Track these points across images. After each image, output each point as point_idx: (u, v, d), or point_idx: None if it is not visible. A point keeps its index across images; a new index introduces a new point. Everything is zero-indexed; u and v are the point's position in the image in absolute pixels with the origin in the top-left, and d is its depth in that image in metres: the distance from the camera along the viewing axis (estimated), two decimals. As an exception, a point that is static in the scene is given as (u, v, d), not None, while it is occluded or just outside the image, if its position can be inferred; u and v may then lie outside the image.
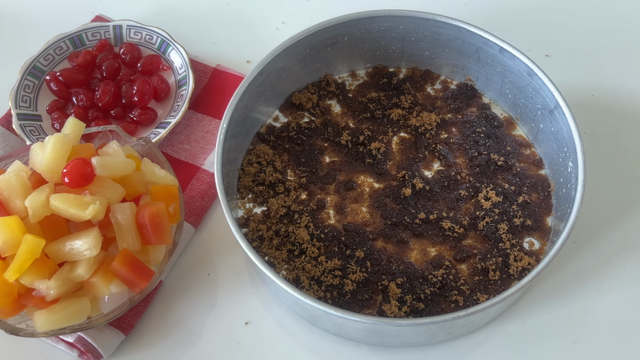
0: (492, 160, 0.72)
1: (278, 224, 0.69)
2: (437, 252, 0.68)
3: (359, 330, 0.62)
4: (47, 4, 0.93)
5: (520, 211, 0.69)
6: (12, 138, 0.78)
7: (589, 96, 0.80)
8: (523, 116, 0.74)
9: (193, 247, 0.72)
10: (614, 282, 0.68)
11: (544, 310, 0.66)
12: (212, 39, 0.88)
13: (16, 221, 0.59)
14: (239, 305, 0.68)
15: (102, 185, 0.61)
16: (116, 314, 0.62)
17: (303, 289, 0.65)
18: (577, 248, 0.69)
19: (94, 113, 0.78)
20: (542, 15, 0.87)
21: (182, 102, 0.77)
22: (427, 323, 0.57)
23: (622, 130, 0.77)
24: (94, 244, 0.59)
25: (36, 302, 0.60)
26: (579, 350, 0.64)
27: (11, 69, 0.82)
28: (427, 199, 0.70)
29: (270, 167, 0.73)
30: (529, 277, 0.58)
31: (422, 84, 0.79)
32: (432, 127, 0.75)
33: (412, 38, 0.76)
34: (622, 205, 0.72)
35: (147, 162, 0.66)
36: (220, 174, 0.65)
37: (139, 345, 0.67)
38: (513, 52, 0.70)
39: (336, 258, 0.67)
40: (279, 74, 0.74)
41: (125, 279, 0.61)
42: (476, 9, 0.88)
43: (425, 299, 0.64)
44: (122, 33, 0.84)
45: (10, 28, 0.91)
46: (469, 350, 0.65)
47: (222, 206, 0.63)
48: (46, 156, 0.61)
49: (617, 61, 0.82)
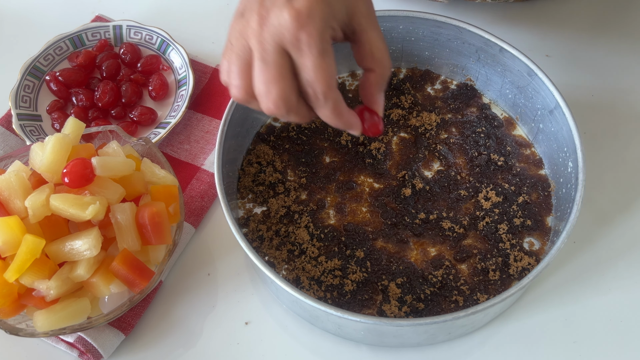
0: (492, 160, 0.72)
1: (278, 224, 0.69)
2: (437, 252, 0.68)
3: (359, 330, 0.62)
4: (47, 4, 0.93)
5: (520, 211, 0.69)
6: (12, 138, 0.78)
7: (589, 96, 0.80)
8: (523, 116, 0.74)
9: (193, 247, 0.72)
10: (614, 282, 0.68)
11: (544, 310, 0.66)
12: (212, 39, 0.88)
13: (16, 221, 0.59)
14: (239, 305, 0.68)
15: (102, 185, 0.61)
16: (116, 314, 0.62)
17: (303, 289, 0.65)
18: (577, 248, 0.69)
19: (94, 113, 0.78)
20: (542, 15, 0.87)
21: (182, 102, 0.77)
22: (427, 323, 0.57)
23: (622, 130, 0.77)
24: (94, 244, 0.59)
25: (36, 302, 0.60)
26: (579, 350, 0.64)
27: (11, 69, 0.82)
28: (427, 199, 0.70)
29: (270, 167, 0.73)
30: (529, 277, 0.58)
31: (422, 84, 0.79)
32: (432, 127, 0.75)
33: (412, 38, 0.76)
34: (622, 205, 0.72)
35: (147, 162, 0.67)
36: (220, 174, 0.65)
37: (139, 345, 0.67)
38: (513, 52, 0.70)
39: (336, 258, 0.67)
40: (279, 74, 0.74)
41: (125, 279, 0.61)
42: (476, 8, 0.88)
43: (425, 299, 0.64)
44: (122, 33, 0.84)
45: (10, 28, 0.91)
46: (469, 350, 0.65)
47: (222, 206, 0.63)
48: (46, 156, 0.61)
49: (617, 61, 0.82)
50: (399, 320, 0.57)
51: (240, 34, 0.54)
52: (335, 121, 0.56)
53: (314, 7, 0.52)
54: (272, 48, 0.53)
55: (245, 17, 0.54)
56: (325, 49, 0.53)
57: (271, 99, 0.53)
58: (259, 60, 0.53)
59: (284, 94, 0.53)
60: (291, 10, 0.51)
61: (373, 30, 0.56)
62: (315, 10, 0.52)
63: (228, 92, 0.79)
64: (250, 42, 0.53)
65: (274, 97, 0.53)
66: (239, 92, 0.55)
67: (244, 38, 0.54)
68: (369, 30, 0.56)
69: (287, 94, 0.53)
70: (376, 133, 0.59)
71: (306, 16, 0.51)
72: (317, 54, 0.52)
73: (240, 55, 0.54)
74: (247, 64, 0.54)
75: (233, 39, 0.55)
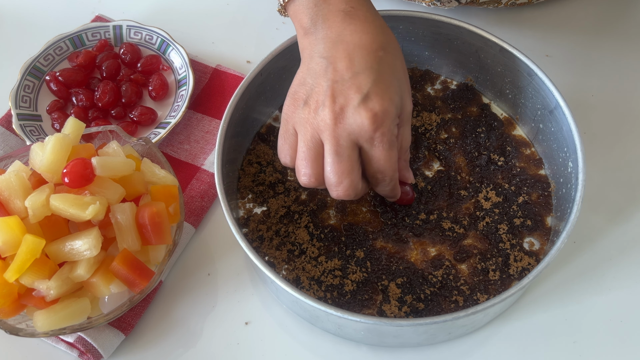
0: (492, 160, 0.72)
1: (278, 224, 0.69)
2: (437, 252, 0.68)
3: (359, 330, 0.62)
4: (47, 4, 0.93)
5: (520, 211, 0.69)
6: (12, 138, 0.78)
7: (589, 96, 0.80)
8: (523, 116, 0.74)
9: (193, 247, 0.72)
10: (614, 282, 0.68)
11: (544, 310, 0.66)
12: (212, 39, 0.88)
13: (16, 221, 0.59)
14: (239, 305, 0.68)
15: (102, 185, 0.61)
16: (116, 314, 0.62)
17: (303, 289, 0.65)
18: (577, 248, 0.69)
19: (94, 113, 0.78)
20: (543, 16, 0.87)
21: (182, 102, 0.77)
22: (427, 323, 0.57)
23: (622, 130, 0.77)
24: (94, 244, 0.59)
25: (36, 302, 0.60)
26: (579, 350, 0.64)
27: (11, 69, 0.82)
28: (427, 199, 0.70)
29: (270, 167, 0.73)
30: (529, 277, 0.58)
31: (422, 84, 0.79)
32: (432, 127, 0.75)
33: (412, 38, 0.76)
34: (622, 205, 0.72)
35: (147, 162, 0.67)
36: (220, 174, 0.65)
37: (139, 345, 0.67)
38: (513, 52, 0.70)
39: (336, 258, 0.67)
40: (279, 74, 0.74)
41: (125, 279, 0.61)
42: (476, 8, 0.88)
43: (425, 299, 0.64)
44: (122, 33, 0.84)
45: (10, 28, 0.91)
46: (469, 350, 0.65)
47: (222, 206, 0.63)
48: (46, 156, 0.61)
49: (617, 61, 0.82)
50: (399, 320, 0.57)
51: (308, 123, 0.57)
52: (390, 194, 0.64)
53: (387, 109, 0.56)
54: (346, 144, 0.57)
55: (310, 106, 0.57)
56: (393, 141, 0.58)
57: (342, 189, 0.58)
58: (333, 154, 0.57)
59: (353, 184, 0.58)
60: (368, 113, 0.55)
61: (407, 127, 0.62)
62: (388, 112, 0.56)
63: (228, 92, 0.80)
64: (322, 135, 0.57)
65: (345, 187, 0.58)
66: (309, 180, 0.59)
67: (314, 130, 0.57)
68: (405, 126, 0.61)
69: (356, 183, 0.58)
70: (409, 202, 0.69)
71: (381, 118, 0.56)
72: (388, 147, 0.57)
73: (310, 146, 0.57)
74: (318, 155, 0.58)
75: (299, 126, 0.58)
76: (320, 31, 0.58)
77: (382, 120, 0.56)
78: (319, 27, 0.58)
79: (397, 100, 0.58)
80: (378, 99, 0.56)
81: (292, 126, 0.59)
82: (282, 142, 0.61)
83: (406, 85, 0.60)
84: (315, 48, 0.58)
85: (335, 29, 0.58)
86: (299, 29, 0.61)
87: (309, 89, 0.58)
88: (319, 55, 0.58)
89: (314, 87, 0.57)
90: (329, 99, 0.56)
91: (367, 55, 0.57)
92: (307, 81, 0.58)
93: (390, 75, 0.58)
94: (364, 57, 0.57)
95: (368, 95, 0.56)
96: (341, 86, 0.56)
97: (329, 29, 0.58)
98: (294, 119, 0.59)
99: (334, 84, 0.56)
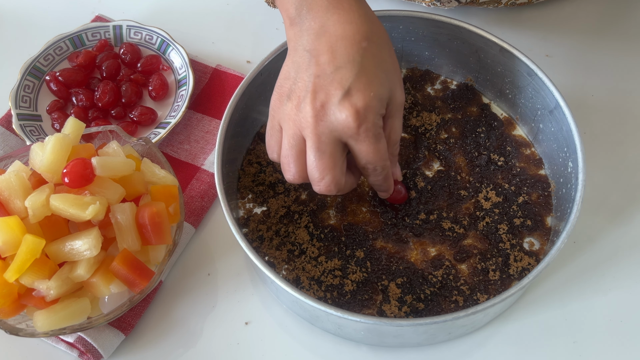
0: (492, 160, 0.72)
1: (278, 224, 0.69)
2: (437, 252, 0.68)
3: (359, 331, 0.62)
4: (47, 4, 0.93)
5: (520, 211, 0.69)
6: (12, 138, 0.78)
7: (589, 96, 0.80)
8: (523, 116, 0.74)
9: (193, 247, 0.72)
10: (614, 282, 0.68)
11: (544, 310, 0.66)
12: (212, 39, 0.88)
13: (16, 221, 0.59)
14: (239, 305, 0.68)
15: (102, 186, 0.61)
16: (116, 314, 0.62)
17: (303, 289, 0.65)
18: (577, 248, 0.69)
19: (94, 113, 0.78)
20: (543, 16, 0.87)
21: (182, 102, 0.77)
22: (427, 323, 0.57)
23: (622, 130, 0.77)
24: (94, 244, 0.59)
25: (36, 302, 0.60)
26: (579, 350, 0.64)
27: (11, 69, 0.82)
28: (427, 199, 0.70)
29: (270, 167, 0.73)
30: (529, 277, 0.58)
31: (422, 84, 0.79)
32: (432, 127, 0.75)
33: (412, 38, 0.76)
34: (622, 205, 0.72)
35: (147, 162, 0.67)
36: (220, 174, 0.65)
37: (139, 345, 0.67)
38: (513, 52, 0.70)
39: (336, 258, 0.67)
40: (279, 74, 0.74)
41: (125, 279, 0.61)
42: (476, 8, 0.88)
43: (425, 299, 0.64)
44: (122, 33, 0.84)
45: (10, 28, 0.91)
46: (469, 350, 0.65)
47: (222, 206, 0.63)
48: (46, 156, 0.61)
49: (617, 61, 0.82)
50: (399, 320, 0.57)
51: (291, 120, 0.57)
52: (383, 185, 0.63)
53: (369, 104, 0.55)
54: (328, 140, 0.56)
55: (292, 101, 0.57)
56: (379, 133, 0.57)
57: (324, 185, 0.58)
58: (315, 150, 0.56)
59: (335, 179, 0.58)
60: (351, 109, 0.55)
61: (397, 119, 0.60)
62: (371, 107, 0.55)
63: (228, 92, 0.80)
64: (304, 132, 0.56)
65: (327, 182, 0.58)
66: (293, 177, 0.59)
67: (297, 127, 0.57)
68: (394, 118, 0.60)
69: (338, 178, 0.58)
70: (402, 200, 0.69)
71: (364, 114, 0.55)
72: (373, 140, 0.57)
73: (293, 144, 0.57)
74: (301, 152, 0.58)
75: (283, 122, 0.58)
76: (304, 22, 0.57)
77: (364, 116, 0.55)
78: (303, 17, 0.57)
79: (382, 92, 0.56)
80: (360, 94, 0.54)
81: (278, 122, 0.59)
82: (269, 138, 0.61)
83: (395, 75, 0.59)
84: (300, 40, 0.58)
85: (318, 20, 0.57)
86: (286, 19, 0.60)
87: (292, 83, 0.57)
88: (303, 48, 0.57)
89: (297, 81, 0.57)
90: (310, 94, 0.55)
91: (350, 47, 0.56)
92: (290, 75, 0.58)
93: (374, 67, 0.56)
94: (346, 49, 0.55)
95: (349, 91, 0.54)
96: (323, 81, 0.55)
97: (312, 19, 0.57)
98: (279, 115, 0.58)
99: (316, 78, 0.55)
